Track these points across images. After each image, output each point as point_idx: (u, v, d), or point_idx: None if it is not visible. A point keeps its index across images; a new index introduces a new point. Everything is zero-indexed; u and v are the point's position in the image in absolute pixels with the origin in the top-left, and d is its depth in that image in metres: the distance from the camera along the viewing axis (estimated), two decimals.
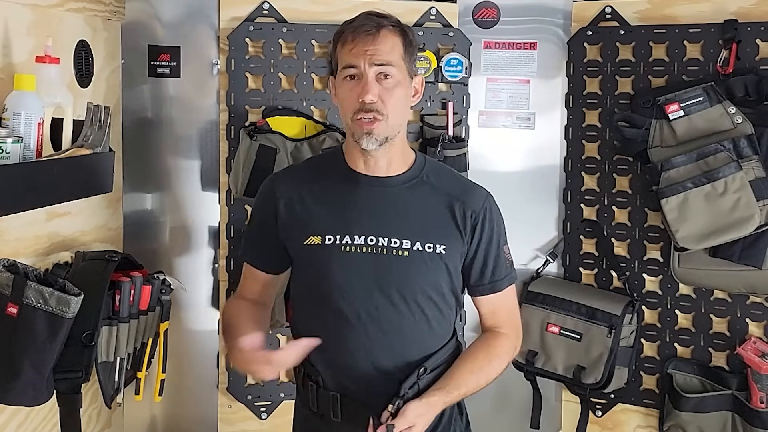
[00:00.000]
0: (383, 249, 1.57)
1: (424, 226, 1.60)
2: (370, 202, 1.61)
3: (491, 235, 1.65)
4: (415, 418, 1.48)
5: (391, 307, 1.57)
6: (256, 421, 2.29)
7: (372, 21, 1.57)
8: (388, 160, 1.62)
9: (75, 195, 1.78)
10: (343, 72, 1.57)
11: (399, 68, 1.56)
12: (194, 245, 2.35)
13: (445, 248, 1.59)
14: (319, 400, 1.61)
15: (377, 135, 1.54)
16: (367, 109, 1.53)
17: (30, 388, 1.61)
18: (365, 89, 1.53)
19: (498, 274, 1.66)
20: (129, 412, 2.29)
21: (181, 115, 2.32)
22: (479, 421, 2.41)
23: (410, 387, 1.55)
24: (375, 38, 1.55)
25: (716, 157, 2.01)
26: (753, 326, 2.16)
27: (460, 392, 1.58)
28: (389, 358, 1.57)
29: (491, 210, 1.66)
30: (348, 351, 1.58)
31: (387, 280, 1.56)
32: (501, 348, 1.66)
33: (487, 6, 2.40)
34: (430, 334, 1.61)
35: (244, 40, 2.20)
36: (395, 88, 1.56)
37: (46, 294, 1.58)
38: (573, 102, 2.36)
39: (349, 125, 1.59)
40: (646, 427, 2.32)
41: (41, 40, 1.67)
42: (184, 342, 2.32)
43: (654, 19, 2.23)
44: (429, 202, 1.63)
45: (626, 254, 2.30)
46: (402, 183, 1.63)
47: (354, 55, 1.55)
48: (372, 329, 1.57)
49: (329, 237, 1.58)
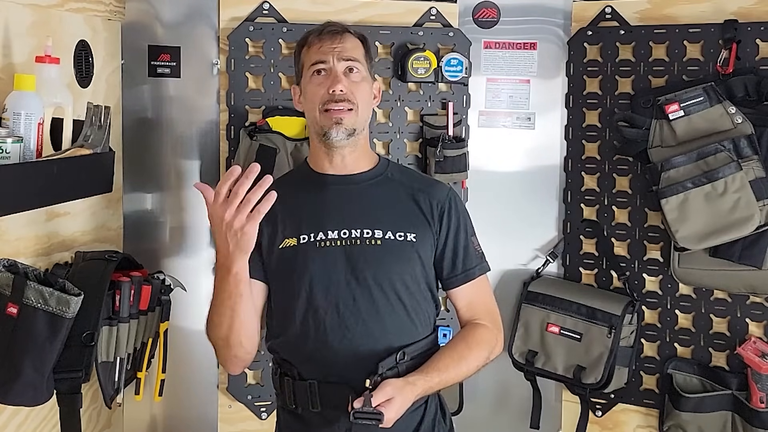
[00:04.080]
0: (356, 240, 1.62)
1: (393, 217, 1.66)
2: (339, 199, 1.67)
3: (458, 224, 1.70)
4: (394, 391, 1.48)
5: (369, 295, 1.60)
6: (256, 421, 2.29)
7: (335, 24, 1.68)
8: (353, 158, 1.68)
9: (75, 195, 1.78)
10: (310, 69, 1.65)
11: (363, 66, 1.66)
12: (194, 245, 2.35)
13: (416, 236, 1.64)
14: (296, 394, 1.62)
15: (347, 124, 1.61)
16: (337, 99, 1.60)
17: (30, 388, 1.61)
18: (335, 80, 1.61)
19: (469, 263, 1.71)
20: (129, 412, 2.29)
21: (181, 115, 2.31)
22: (479, 421, 2.43)
23: (389, 369, 1.56)
24: (341, 37, 1.65)
25: (716, 157, 2.01)
26: (753, 326, 2.16)
27: (441, 378, 1.59)
28: (368, 345, 1.59)
29: (455, 201, 1.73)
30: (328, 342, 1.59)
31: (362, 269, 1.60)
32: (480, 337, 1.68)
33: (487, 6, 2.40)
34: (408, 322, 1.63)
35: (244, 40, 2.20)
36: (362, 83, 1.65)
37: (46, 294, 1.58)
38: (573, 102, 2.36)
39: (316, 119, 1.64)
40: (646, 427, 2.32)
41: (41, 40, 1.67)
42: (184, 342, 2.32)
43: (654, 19, 2.23)
44: (395, 195, 1.69)
45: (626, 254, 2.30)
46: (368, 179, 1.70)
47: (322, 52, 1.64)
48: (351, 319, 1.59)
49: (303, 236, 1.63)
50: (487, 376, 2.21)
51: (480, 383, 2.37)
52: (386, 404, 1.45)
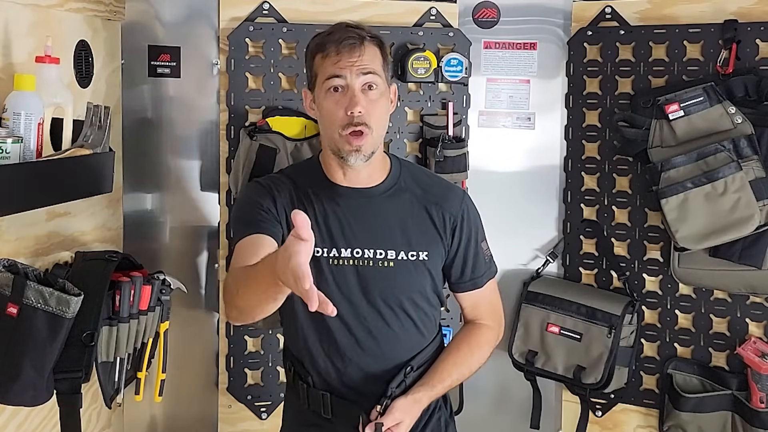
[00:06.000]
0: (369, 261, 1.61)
1: (406, 234, 1.64)
2: (353, 215, 1.63)
3: (470, 235, 1.70)
4: (402, 414, 1.55)
5: (379, 315, 1.61)
6: (256, 421, 2.29)
7: (353, 33, 1.58)
8: (368, 173, 1.65)
9: (75, 195, 1.78)
10: (326, 83, 1.57)
11: (381, 78, 1.59)
12: (194, 245, 2.35)
13: (428, 254, 1.64)
14: (310, 398, 1.65)
15: (365, 150, 1.57)
16: (355, 123, 1.54)
17: (30, 388, 1.61)
18: (353, 101, 1.54)
19: (477, 272, 1.73)
20: (129, 412, 2.29)
21: (181, 115, 2.31)
22: (479, 421, 2.43)
23: (397, 386, 1.60)
24: (359, 49, 1.56)
25: (716, 157, 2.01)
26: (753, 326, 2.16)
27: (444, 385, 1.65)
28: (379, 363, 1.62)
29: (468, 210, 1.71)
30: (339, 358, 1.62)
31: (373, 290, 1.61)
32: (482, 338, 1.73)
33: (487, 6, 2.40)
34: (417, 335, 1.66)
35: (244, 40, 2.20)
36: (380, 99, 1.59)
37: (46, 294, 1.58)
38: (573, 102, 2.36)
39: (335, 140, 1.59)
40: (646, 427, 2.32)
41: (41, 40, 1.67)
42: (184, 342, 2.32)
43: (654, 19, 2.23)
44: (409, 210, 1.66)
45: (626, 254, 2.30)
46: (382, 192, 1.66)
47: (339, 67, 1.56)
48: (362, 337, 1.61)
49: (317, 250, 1.59)
50: (487, 376, 2.22)
51: (480, 383, 2.37)
52: (395, 428, 1.54)
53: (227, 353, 2.26)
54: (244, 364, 2.27)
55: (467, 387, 2.30)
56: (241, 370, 2.26)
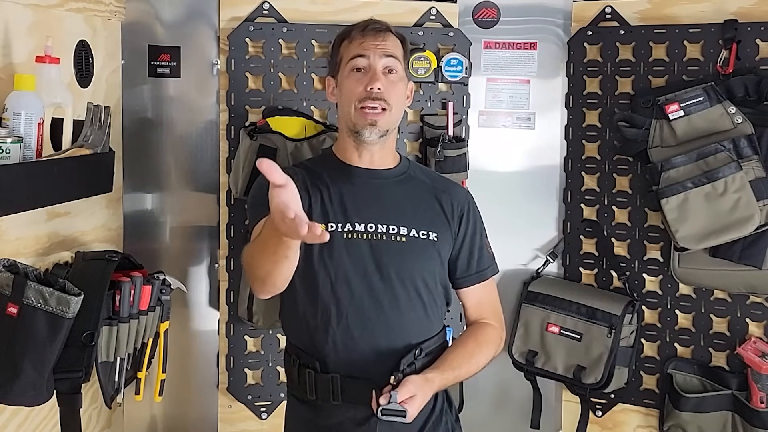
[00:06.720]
0: (382, 235, 1.65)
1: (417, 215, 1.70)
2: (366, 192, 1.70)
3: (475, 226, 1.77)
4: (416, 389, 1.53)
5: (390, 290, 1.64)
6: (256, 421, 2.29)
7: (379, 21, 1.72)
8: (381, 155, 1.72)
9: (75, 195, 1.78)
10: (350, 64, 1.67)
11: (401, 66, 1.70)
12: (194, 245, 2.35)
13: (437, 236, 1.69)
14: (318, 386, 1.64)
15: (381, 126, 1.65)
16: (374, 97, 1.63)
17: (30, 388, 1.61)
18: (374, 78, 1.64)
19: (483, 264, 1.78)
20: (129, 412, 2.29)
21: (181, 115, 2.31)
22: (479, 421, 2.43)
23: (409, 364, 1.61)
24: (384, 35, 1.69)
25: (716, 157, 2.01)
26: (753, 326, 2.16)
27: (454, 374, 1.65)
28: (388, 339, 1.63)
29: (473, 204, 1.81)
30: (349, 331, 1.62)
31: (386, 264, 1.64)
32: (489, 336, 1.75)
33: (487, 6, 2.40)
34: (425, 319, 1.68)
35: (244, 40, 2.20)
36: (399, 83, 1.69)
37: (46, 294, 1.58)
38: (573, 102, 2.36)
39: (350, 115, 1.66)
40: (646, 427, 2.32)
41: (41, 40, 1.67)
42: (184, 342, 2.32)
43: (654, 19, 2.23)
44: (419, 194, 1.74)
45: (626, 254, 2.30)
46: (393, 176, 1.74)
47: (364, 47, 1.67)
48: (372, 311, 1.63)
49: (332, 225, 1.64)
50: (487, 376, 2.21)
51: (480, 383, 2.37)
52: (409, 401, 1.51)
53: (227, 353, 2.26)
54: (244, 364, 2.27)
55: (467, 387, 2.30)
56: (241, 370, 2.27)
